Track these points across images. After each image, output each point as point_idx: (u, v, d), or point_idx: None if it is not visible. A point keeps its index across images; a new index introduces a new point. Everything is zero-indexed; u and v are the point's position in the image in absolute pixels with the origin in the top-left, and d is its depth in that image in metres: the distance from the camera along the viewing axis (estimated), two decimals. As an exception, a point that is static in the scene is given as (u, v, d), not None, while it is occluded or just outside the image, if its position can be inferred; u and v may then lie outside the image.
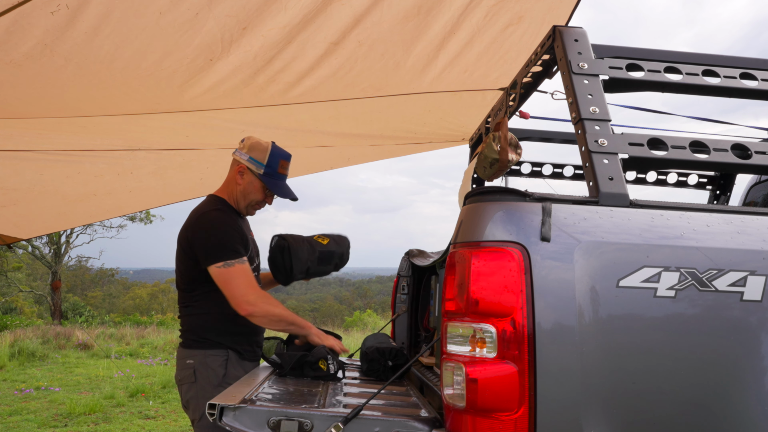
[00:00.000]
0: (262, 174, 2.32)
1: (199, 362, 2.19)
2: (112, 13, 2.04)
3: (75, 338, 11.61)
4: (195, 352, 2.21)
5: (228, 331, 2.23)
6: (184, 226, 2.27)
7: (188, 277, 2.25)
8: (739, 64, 1.79)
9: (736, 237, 1.40)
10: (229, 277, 2.12)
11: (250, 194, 2.35)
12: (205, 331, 2.22)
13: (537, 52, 1.91)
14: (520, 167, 2.89)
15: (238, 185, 2.34)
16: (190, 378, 2.19)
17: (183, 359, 2.23)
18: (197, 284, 2.23)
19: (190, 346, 2.23)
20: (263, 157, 2.32)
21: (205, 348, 2.21)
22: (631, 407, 1.32)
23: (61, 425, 5.48)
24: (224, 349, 2.21)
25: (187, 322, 2.28)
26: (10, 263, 22.82)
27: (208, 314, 2.22)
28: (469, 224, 1.43)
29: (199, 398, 2.15)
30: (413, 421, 1.51)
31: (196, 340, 2.23)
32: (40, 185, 4.21)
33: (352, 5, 2.23)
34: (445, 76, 2.84)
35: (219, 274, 2.13)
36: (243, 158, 2.33)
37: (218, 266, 2.12)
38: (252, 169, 2.32)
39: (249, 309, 2.10)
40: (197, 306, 2.25)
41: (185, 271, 2.25)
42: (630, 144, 1.54)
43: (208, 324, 2.22)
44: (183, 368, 2.23)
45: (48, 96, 2.70)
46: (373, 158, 4.44)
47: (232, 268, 2.12)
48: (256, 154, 2.33)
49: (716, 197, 3.02)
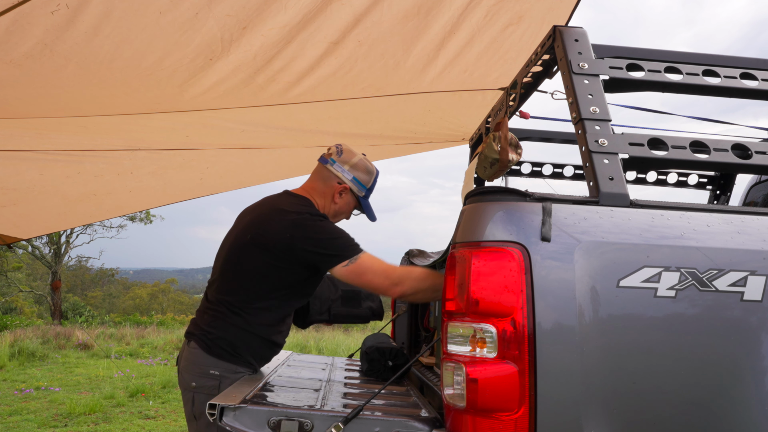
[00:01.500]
0: (363, 197, 2.22)
1: (226, 377, 1.98)
2: (112, 12, 2.04)
3: (75, 338, 11.61)
4: (223, 364, 1.99)
5: (263, 355, 2.09)
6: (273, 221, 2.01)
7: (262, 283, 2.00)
8: (739, 64, 1.79)
9: (736, 237, 1.40)
10: (361, 271, 1.97)
11: (343, 213, 2.24)
12: (245, 348, 2.01)
13: (537, 52, 1.91)
14: (520, 167, 2.89)
15: (335, 204, 2.18)
16: (213, 390, 1.95)
17: (205, 366, 1.99)
18: (269, 293, 2.01)
19: (220, 356, 1.99)
20: (368, 181, 2.22)
21: (237, 364, 2.00)
22: (631, 407, 1.32)
23: (61, 425, 5.48)
24: (251, 368, 2.05)
25: (226, 328, 2.01)
26: (10, 263, 22.83)
27: (256, 334, 2.02)
28: (470, 224, 1.43)
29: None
30: (413, 421, 1.51)
31: (228, 352, 1.99)
32: (40, 185, 4.21)
33: (352, 5, 2.23)
34: (445, 75, 2.84)
35: (349, 272, 1.97)
36: (346, 177, 2.17)
37: (344, 265, 1.96)
38: (354, 190, 2.19)
39: (398, 290, 1.98)
40: (250, 318, 2.00)
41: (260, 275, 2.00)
42: (630, 144, 1.54)
43: (253, 343, 2.02)
44: (203, 376, 1.99)
45: (48, 96, 2.70)
46: (372, 158, 4.40)
47: (358, 262, 1.96)
48: (361, 176, 2.20)
49: (716, 197, 3.02)
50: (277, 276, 2.00)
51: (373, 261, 1.99)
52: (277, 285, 2.01)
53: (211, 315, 2.04)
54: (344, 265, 1.96)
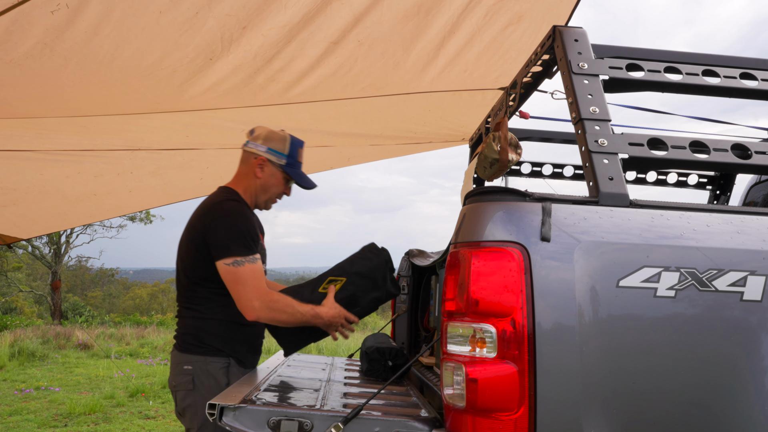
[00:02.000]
0: (285, 164, 2.20)
1: (199, 369, 2.05)
2: (112, 12, 2.04)
3: (75, 338, 11.61)
4: (194, 358, 2.06)
5: (232, 338, 2.08)
6: (197, 215, 2.11)
7: (195, 274, 2.08)
8: (739, 64, 1.79)
9: (735, 237, 1.40)
10: (238, 277, 1.97)
11: (272, 187, 2.22)
12: (208, 335, 2.06)
13: (537, 51, 1.91)
14: (520, 167, 2.89)
15: (258, 179, 2.19)
16: (188, 385, 2.04)
17: (179, 364, 2.08)
18: (205, 282, 2.07)
19: (189, 350, 2.07)
20: (284, 147, 2.20)
21: (206, 354, 2.05)
22: (631, 407, 1.32)
23: (61, 425, 5.48)
24: (226, 357, 2.07)
25: (186, 323, 2.11)
26: (10, 263, 22.83)
27: (213, 318, 2.07)
28: (469, 224, 1.43)
29: (198, 407, 2.01)
30: (413, 421, 1.51)
31: (195, 345, 2.07)
32: (40, 185, 4.22)
33: (352, 5, 2.23)
34: (445, 75, 2.84)
35: (227, 273, 1.98)
36: (260, 150, 2.19)
37: (227, 263, 1.97)
38: (273, 160, 2.19)
39: (253, 316, 1.97)
40: (201, 307, 2.08)
41: (192, 266, 2.09)
42: (630, 144, 1.54)
43: (212, 328, 2.06)
44: (179, 374, 2.07)
45: (48, 96, 2.70)
46: (373, 158, 4.44)
47: (242, 268, 1.97)
48: (275, 144, 2.20)
49: (716, 197, 3.02)
50: (205, 266, 2.04)
51: (254, 276, 1.99)
52: (209, 274, 2.04)
53: (178, 315, 2.17)
54: (227, 262, 1.98)
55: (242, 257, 1.99)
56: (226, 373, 2.06)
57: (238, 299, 1.98)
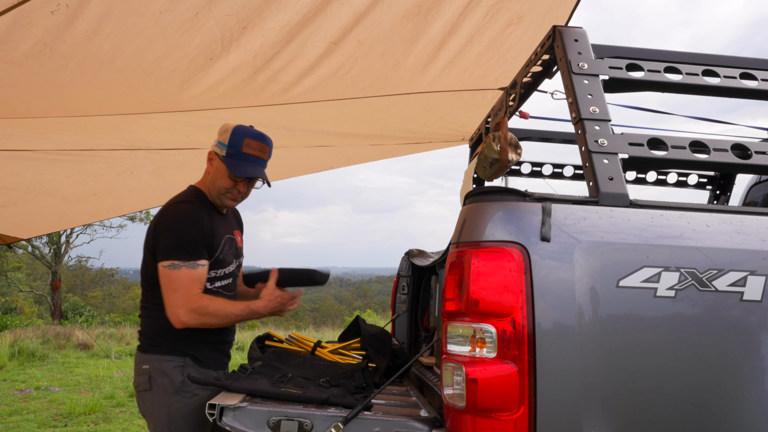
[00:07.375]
0: (225, 155, 2.11)
1: (154, 368, 2.04)
2: (112, 12, 2.04)
3: (75, 338, 11.61)
4: (150, 357, 2.05)
5: (187, 337, 2.05)
6: (155, 216, 2.12)
7: (150, 275, 2.07)
8: (738, 64, 1.79)
9: (735, 237, 1.40)
10: (171, 281, 1.96)
11: (218, 180, 2.14)
12: (161, 334, 2.05)
13: (537, 52, 1.91)
14: (520, 167, 2.89)
15: (208, 173, 2.18)
16: (145, 385, 2.04)
17: (139, 364, 2.08)
18: (157, 283, 2.03)
19: (146, 350, 2.08)
20: (225, 138, 2.12)
21: (160, 353, 2.05)
22: (631, 407, 1.32)
23: (61, 425, 5.48)
24: (181, 356, 2.05)
25: (144, 324, 2.12)
26: (10, 263, 22.83)
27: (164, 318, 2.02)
28: (469, 224, 1.43)
29: (155, 407, 2.03)
30: (413, 421, 1.51)
31: (151, 345, 2.07)
32: (40, 185, 4.21)
33: (351, 5, 2.23)
34: (444, 75, 2.84)
35: (162, 275, 1.98)
36: (213, 145, 2.17)
37: (165, 265, 1.97)
38: (217, 152, 2.14)
39: (178, 323, 1.97)
40: (156, 307, 2.06)
41: (146, 268, 2.09)
42: (630, 144, 1.54)
43: (168, 328, 2.02)
44: (139, 374, 2.08)
45: (48, 96, 2.70)
46: (372, 158, 4.44)
47: (176, 272, 1.95)
48: (220, 136, 2.15)
49: (716, 197, 3.02)
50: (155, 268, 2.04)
51: (188, 281, 1.98)
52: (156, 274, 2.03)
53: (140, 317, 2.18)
54: (164, 265, 1.98)
55: (180, 261, 1.97)
56: (181, 371, 2.04)
57: (166, 304, 1.99)
